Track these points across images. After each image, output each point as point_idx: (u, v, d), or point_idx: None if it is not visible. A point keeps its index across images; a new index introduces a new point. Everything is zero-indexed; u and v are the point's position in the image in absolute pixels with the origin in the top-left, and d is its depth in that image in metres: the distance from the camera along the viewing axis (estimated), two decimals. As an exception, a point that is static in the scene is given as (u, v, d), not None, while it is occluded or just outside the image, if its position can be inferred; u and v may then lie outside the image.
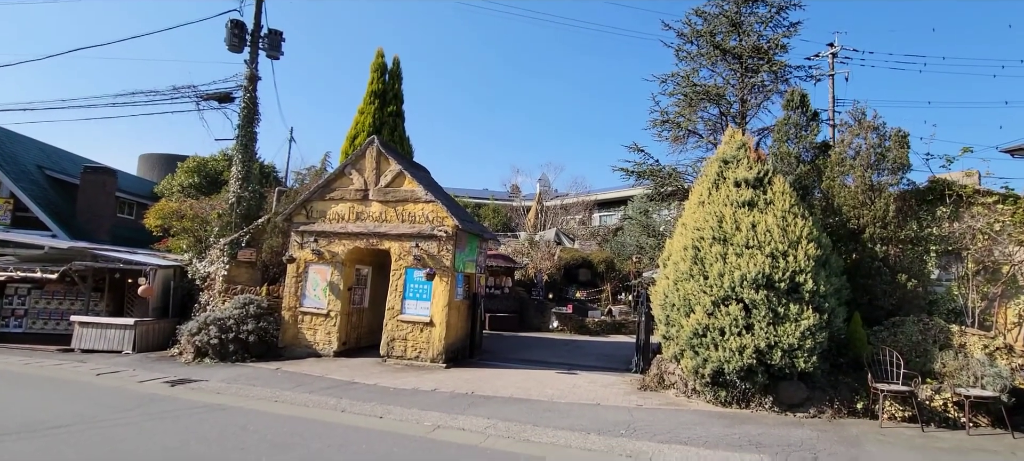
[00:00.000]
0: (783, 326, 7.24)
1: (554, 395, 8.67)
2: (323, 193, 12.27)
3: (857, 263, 8.36)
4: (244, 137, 15.78)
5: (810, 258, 7.42)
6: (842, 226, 8.53)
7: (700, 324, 7.67)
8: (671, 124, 11.91)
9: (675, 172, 11.94)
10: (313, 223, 12.20)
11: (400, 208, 11.64)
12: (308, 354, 11.68)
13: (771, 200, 8.05)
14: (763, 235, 7.63)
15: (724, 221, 7.99)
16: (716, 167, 8.70)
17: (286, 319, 11.98)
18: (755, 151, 8.47)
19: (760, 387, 7.50)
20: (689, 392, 8.49)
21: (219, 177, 25.80)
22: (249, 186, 15.38)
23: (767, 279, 7.37)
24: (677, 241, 8.69)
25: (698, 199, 8.66)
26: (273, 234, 13.80)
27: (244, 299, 12.02)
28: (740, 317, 7.38)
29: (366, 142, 12.10)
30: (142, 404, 7.76)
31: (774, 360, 7.21)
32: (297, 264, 12.10)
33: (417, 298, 11.29)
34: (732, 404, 7.77)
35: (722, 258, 7.76)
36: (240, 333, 11.42)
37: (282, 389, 8.88)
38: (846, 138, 8.93)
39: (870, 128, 8.52)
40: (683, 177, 12.03)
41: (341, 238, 11.93)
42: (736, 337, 7.36)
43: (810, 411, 7.35)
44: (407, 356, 11.12)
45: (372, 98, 15.60)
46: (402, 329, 11.22)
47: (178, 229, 15.46)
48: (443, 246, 11.24)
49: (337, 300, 11.77)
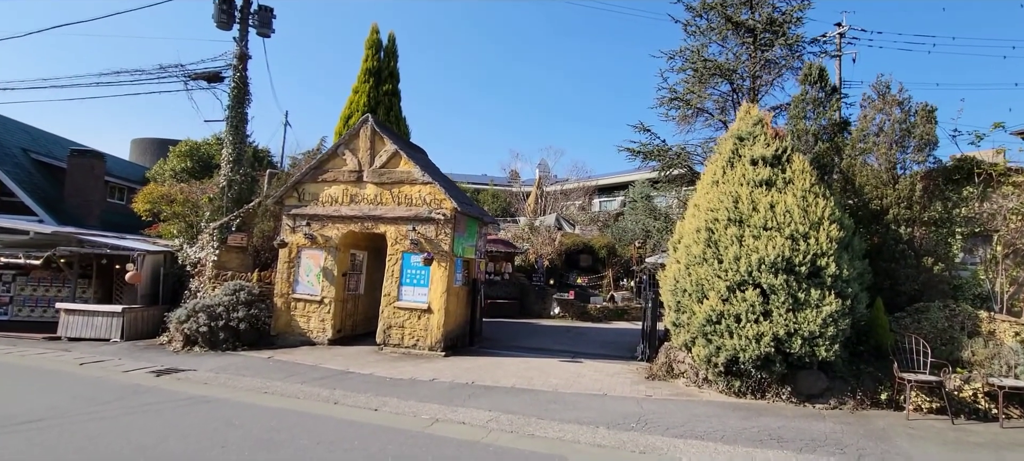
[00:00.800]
0: (803, 312, 6.80)
1: (558, 385, 8.26)
2: (315, 174, 11.75)
3: (879, 246, 7.91)
4: (234, 118, 15.19)
5: (833, 240, 6.96)
6: (863, 207, 8.06)
7: (714, 310, 7.23)
8: (680, 102, 11.36)
9: (684, 152, 11.42)
10: (305, 206, 11.70)
11: (396, 190, 11.13)
12: (301, 342, 11.25)
13: (790, 179, 7.57)
14: (782, 216, 7.16)
15: (740, 201, 7.52)
16: (731, 144, 8.20)
17: (278, 306, 11.53)
18: (772, 128, 7.97)
19: (778, 377, 7.09)
20: (700, 382, 8.09)
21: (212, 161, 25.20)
22: (240, 169, 14.83)
23: (787, 262, 6.91)
24: (689, 223, 8.22)
25: (711, 178, 8.17)
26: (264, 218, 13.30)
27: (234, 285, 11.55)
28: (757, 303, 6.94)
29: (360, 121, 11.56)
30: (123, 396, 7.33)
31: (793, 348, 6.78)
32: (289, 249, 11.63)
33: (414, 284, 10.83)
34: (746, 394, 7.37)
35: (738, 240, 7.30)
36: (230, 321, 10.98)
37: (272, 379, 8.45)
38: (868, 114, 8.43)
39: (895, 103, 8.02)
40: (691, 158, 11.53)
41: (334, 221, 11.44)
42: (753, 324, 6.93)
43: (830, 402, 6.94)
44: (404, 344, 10.69)
45: (366, 76, 14.99)
46: (399, 316, 10.78)
47: (168, 214, 14.95)
48: (441, 230, 10.76)
49: (331, 286, 11.31)
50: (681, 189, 12.56)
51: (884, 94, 8.22)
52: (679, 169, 12.43)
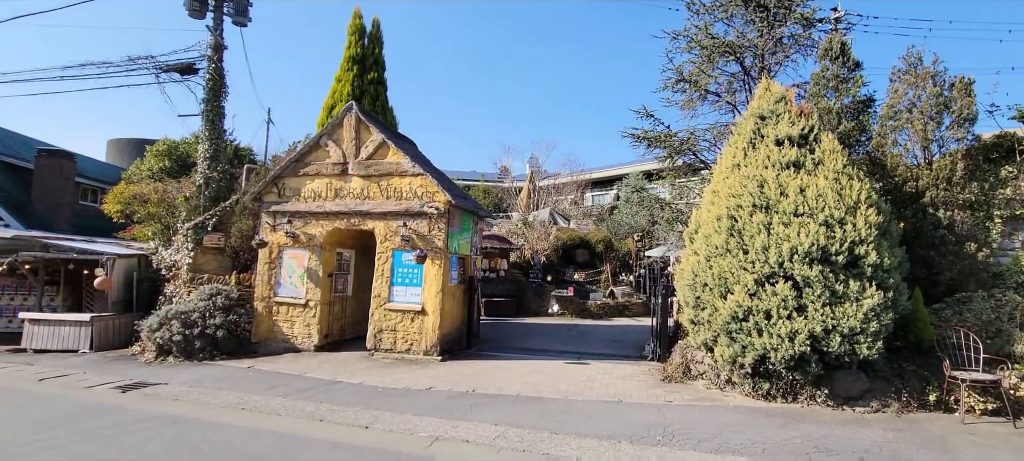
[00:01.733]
0: (842, 306, 6.13)
1: (568, 391, 7.53)
2: (296, 168, 10.89)
3: (915, 231, 7.28)
4: (211, 112, 14.24)
5: (871, 226, 6.29)
6: (896, 189, 7.44)
7: (740, 306, 6.53)
8: (688, 84, 10.67)
9: (692, 137, 10.74)
10: (286, 202, 10.84)
11: (384, 183, 10.31)
12: (285, 349, 10.41)
13: (820, 159, 6.89)
14: (814, 200, 6.48)
15: (766, 185, 6.82)
16: (751, 124, 7.51)
17: (259, 311, 10.67)
18: (796, 105, 7.29)
19: (813, 378, 6.41)
20: (722, 384, 7.41)
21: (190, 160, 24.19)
22: (218, 166, 13.89)
23: (822, 252, 6.23)
24: (707, 211, 7.52)
25: (731, 162, 7.48)
26: (243, 216, 12.40)
27: (211, 289, 10.67)
28: (790, 297, 6.25)
29: (344, 109, 10.71)
30: (79, 418, 6.48)
31: (832, 347, 6.11)
32: (269, 249, 10.76)
33: (407, 284, 10.04)
34: (776, 398, 6.69)
35: (765, 229, 6.60)
36: (206, 328, 10.11)
37: (252, 393, 7.63)
38: (899, 88, 7.79)
39: (928, 76, 7.39)
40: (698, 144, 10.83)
41: (318, 218, 10.60)
42: (785, 321, 6.24)
43: (872, 405, 6.29)
44: (397, 349, 9.90)
45: (350, 64, 14.10)
46: (391, 319, 9.98)
47: (143, 215, 13.99)
48: (434, 225, 9.97)
49: (316, 288, 10.47)
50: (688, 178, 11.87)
51: (915, 66, 7.60)
52: (685, 157, 11.73)
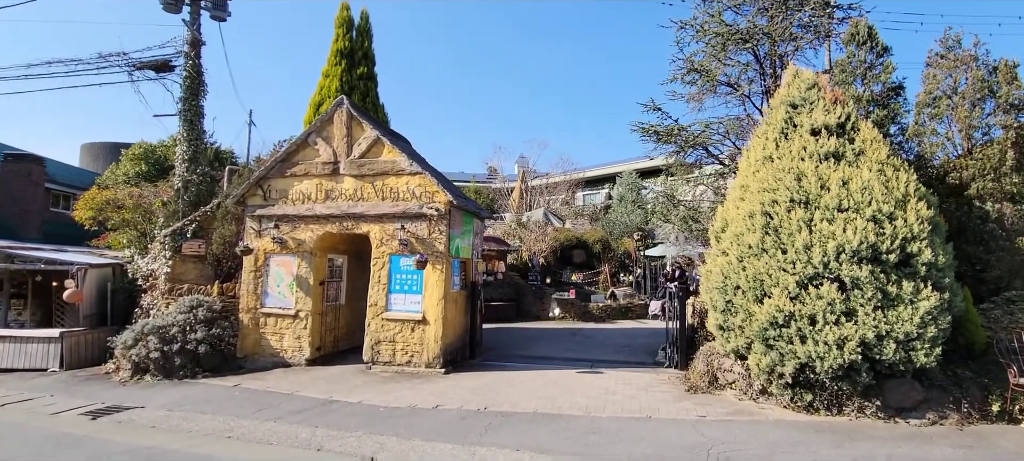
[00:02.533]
0: (895, 310, 5.59)
1: (589, 406, 6.90)
2: (283, 168, 10.11)
3: (959, 225, 6.80)
4: (189, 112, 13.36)
5: (924, 220, 5.77)
6: (938, 180, 6.96)
7: (780, 311, 5.96)
8: (699, 74, 10.13)
9: (706, 130, 10.18)
10: (272, 205, 10.05)
11: (379, 183, 9.58)
12: (274, 364, 9.62)
13: (861, 150, 6.37)
14: (860, 194, 5.94)
15: (804, 178, 6.27)
16: (782, 113, 6.96)
17: (245, 323, 9.87)
18: (831, 91, 6.77)
19: (861, 389, 5.86)
20: (755, 394, 6.83)
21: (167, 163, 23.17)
22: (198, 168, 13.02)
23: (872, 249, 5.69)
24: (735, 208, 6.95)
25: (761, 154, 6.92)
26: (225, 221, 11.57)
27: (191, 301, 9.83)
28: (838, 300, 5.70)
29: (334, 104, 9.96)
30: (40, 452, 5.68)
31: (885, 355, 5.57)
32: (255, 256, 9.97)
33: (405, 291, 9.32)
34: (819, 410, 6.13)
35: (806, 226, 6.05)
36: (187, 343, 9.28)
37: (239, 416, 6.87)
38: (937, 74, 7.33)
39: (970, 59, 6.93)
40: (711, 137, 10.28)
41: (308, 222, 9.83)
42: (833, 327, 5.68)
43: (928, 417, 5.76)
44: (396, 361, 9.18)
45: (338, 58, 13.32)
46: (389, 329, 9.26)
47: (117, 221, 13.05)
48: (435, 227, 9.28)
49: (307, 297, 9.70)
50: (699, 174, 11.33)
51: (953, 50, 7.13)
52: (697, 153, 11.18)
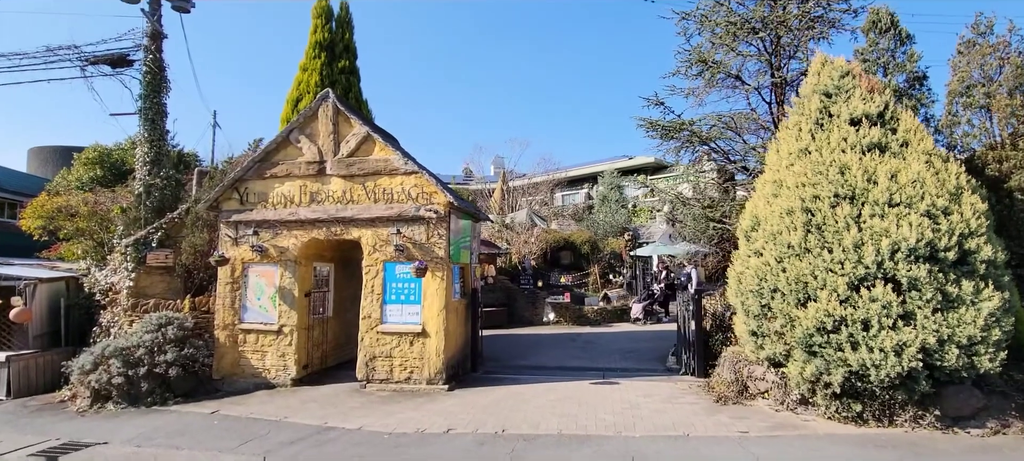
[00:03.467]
0: (956, 312, 5.18)
1: (617, 424, 6.29)
2: (262, 169, 9.18)
3: (1001, 220, 6.50)
4: (150, 110, 12.24)
5: (979, 215, 5.40)
6: (976, 172, 6.64)
7: (829, 316, 5.49)
8: (707, 66, 9.68)
9: (718, 124, 9.71)
10: (250, 210, 9.12)
11: (371, 184, 8.78)
12: (256, 386, 8.70)
13: (905, 140, 5.97)
14: (912, 188, 5.52)
15: (848, 172, 5.82)
16: (816, 102, 6.52)
17: (221, 341, 8.91)
18: (867, 78, 6.37)
19: (918, 397, 5.44)
20: (792, 405, 6.36)
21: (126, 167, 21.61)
22: (161, 171, 11.90)
23: (929, 247, 5.27)
24: (768, 205, 6.47)
25: (796, 147, 6.45)
26: (195, 229, 10.53)
27: (159, 318, 8.80)
28: (894, 302, 5.26)
29: (318, 98, 9.09)
30: (-22, 514, 4.72)
31: (947, 361, 5.15)
32: (231, 266, 9.02)
33: (402, 301, 8.55)
34: (869, 421, 5.69)
35: (855, 222, 5.60)
36: (155, 366, 8.28)
37: (222, 451, 6.02)
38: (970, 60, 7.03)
39: (1004, 45, 6.65)
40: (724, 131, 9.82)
41: (291, 228, 8.94)
42: (890, 332, 5.24)
43: (988, 425, 5.37)
44: (394, 378, 8.39)
45: (317, 51, 12.39)
46: (385, 343, 8.46)
47: (70, 231, 11.80)
48: (433, 231, 8.53)
49: (291, 310, 8.81)
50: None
51: (986, 35, 6.86)
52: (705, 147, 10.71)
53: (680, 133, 9.91)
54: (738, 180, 10.41)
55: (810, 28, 8.63)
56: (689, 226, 10.64)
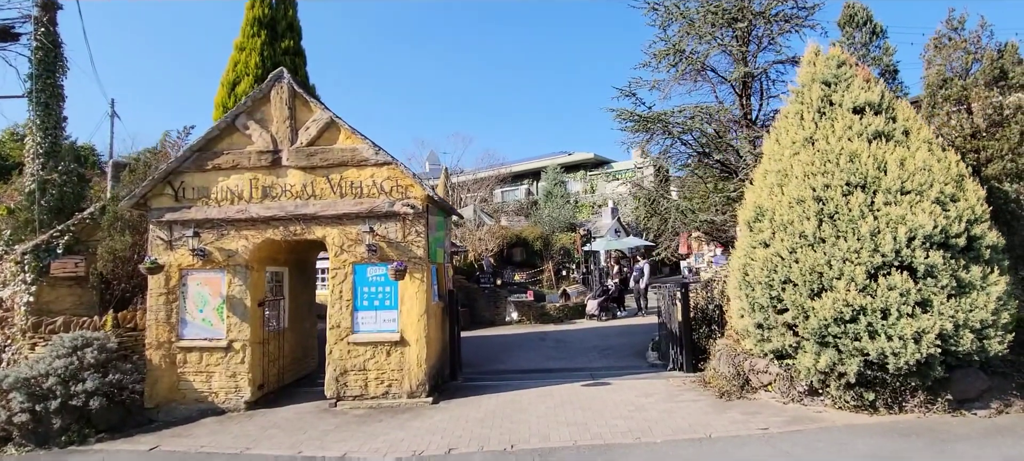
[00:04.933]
0: (968, 297, 5.27)
1: (634, 430, 5.88)
2: (202, 160, 7.89)
3: (981, 208, 6.82)
4: (43, 92, 10.39)
5: (982, 201, 5.54)
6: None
7: (847, 305, 5.42)
8: (683, 57, 9.56)
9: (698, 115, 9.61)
10: (188, 208, 7.81)
11: (336, 177, 7.79)
12: (202, 412, 7.46)
13: (907, 128, 6.05)
14: (921, 175, 5.57)
15: (858, 159, 5.79)
16: (818, 91, 6.48)
17: (155, 362, 7.56)
18: (862, 68, 6.42)
19: (931, 382, 5.50)
20: (797, 396, 6.30)
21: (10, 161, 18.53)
22: (59, 165, 10.07)
23: (943, 234, 5.32)
24: (772, 195, 6.34)
25: (800, 136, 6.37)
26: (114, 231, 8.94)
27: (74, 339, 7.28)
28: (912, 290, 5.26)
29: (271, 78, 7.94)
30: None
31: (962, 345, 5.22)
32: (166, 274, 7.68)
33: (376, 307, 7.67)
34: (879, 408, 5.71)
35: (869, 210, 5.56)
36: (71, 397, 6.84)
37: (174, 502, 4.94)
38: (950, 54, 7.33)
39: (976, 40, 6.99)
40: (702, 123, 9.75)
41: (241, 228, 7.76)
42: (908, 319, 5.23)
43: (992, 406, 5.53)
44: (370, 394, 7.50)
45: (256, 28, 10.96)
46: (358, 355, 7.54)
47: (-63, 238, 9.69)
48: (411, 228, 7.72)
49: (243, 323, 7.64)
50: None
51: (959, 31, 7.20)
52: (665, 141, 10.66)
53: (656, 124, 9.73)
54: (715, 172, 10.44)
55: (789, 20, 8.78)
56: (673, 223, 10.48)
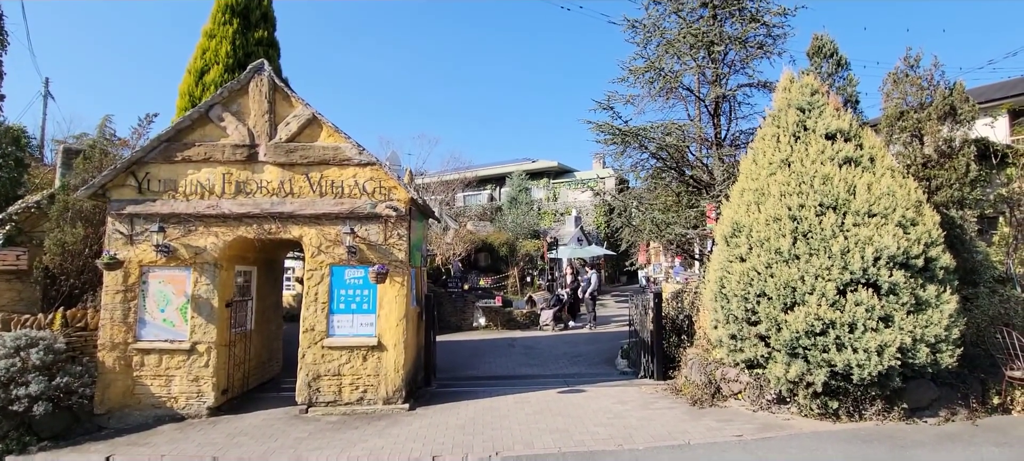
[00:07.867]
0: (925, 313, 5.71)
1: (616, 437, 6.00)
2: (170, 151, 7.48)
3: (929, 232, 7.40)
4: (-22, 67, 9.63)
5: (938, 226, 6.03)
6: (908, 190, 7.51)
7: (818, 319, 5.76)
8: (661, 75, 9.89)
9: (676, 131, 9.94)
10: (152, 201, 7.37)
11: (316, 175, 7.57)
12: (159, 419, 7.02)
13: (872, 155, 6.50)
14: (886, 199, 6.00)
15: (830, 182, 6.18)
16: (793, 116, 6.87)
17: (108, 365, 7.06)
18: (833, 97, 6.86)
19: (889, 392, 5.91)
20: (765, 404, 6.62)
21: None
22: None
23: (905, 254, 5.75)
24: (748, 212, 6.66)
25: (776, 157, 6.73)
26: (64, 221, 8.31)
27: (16, 339, 6.69)
28: (876, 306, 5.65)
29: (250, 70, 7.64)
30: None
31: (919, 359, 5.65)
32: (125, 271, 7.21)
33: (353, 310, 7.48)
34: (841, 416, 6.08)
35: (840, 230, 5.94)
36: (12, 402, 6.30)
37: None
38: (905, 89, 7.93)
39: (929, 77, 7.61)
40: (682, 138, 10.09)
41: (210, 224, 7.39)
42: (872, 333, 5.61)
43: (940, 414, 6.00)
44: (344, 399, 7.28)
45: (227, 14, 10.47)
46: (333, 359, 7.32)
47: None
48: (392, 231, 7.59)
49: (209, 324, 7.26)
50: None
51: (914, 68, 7.83)
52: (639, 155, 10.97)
53: (633, 138, 10.01)
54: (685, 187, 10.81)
55: (760, 47, 9.26)
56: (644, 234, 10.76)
